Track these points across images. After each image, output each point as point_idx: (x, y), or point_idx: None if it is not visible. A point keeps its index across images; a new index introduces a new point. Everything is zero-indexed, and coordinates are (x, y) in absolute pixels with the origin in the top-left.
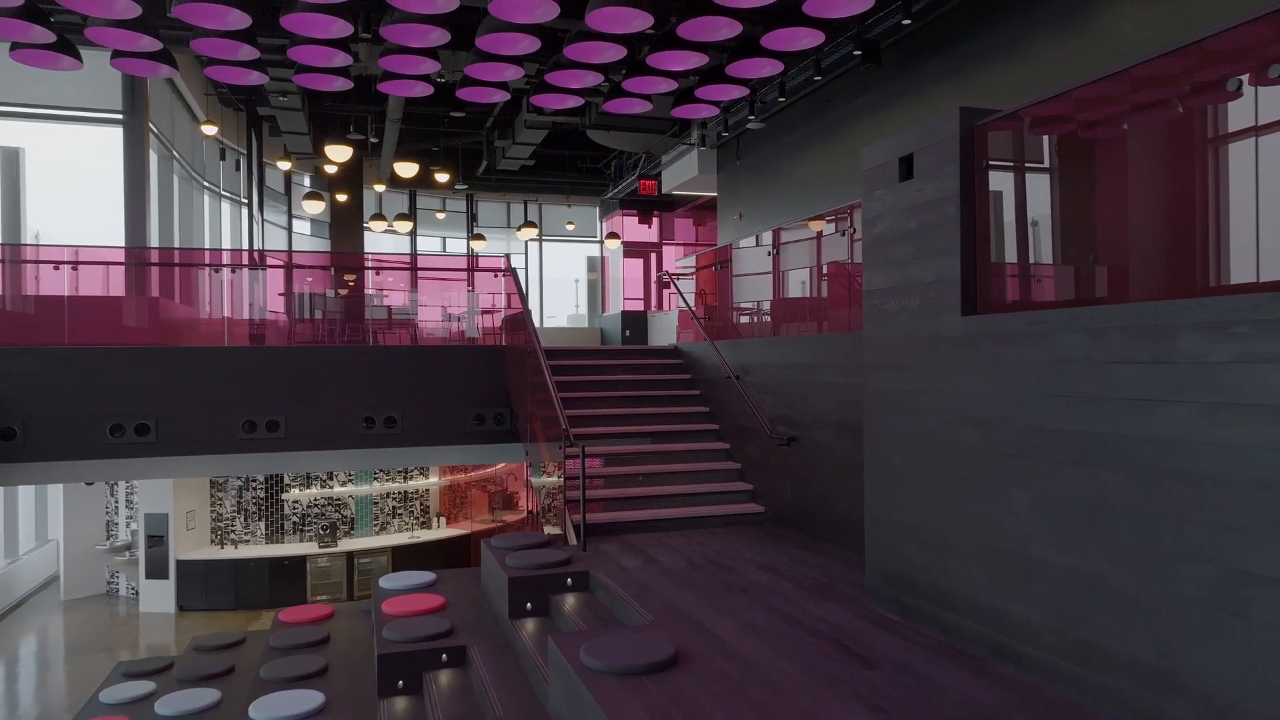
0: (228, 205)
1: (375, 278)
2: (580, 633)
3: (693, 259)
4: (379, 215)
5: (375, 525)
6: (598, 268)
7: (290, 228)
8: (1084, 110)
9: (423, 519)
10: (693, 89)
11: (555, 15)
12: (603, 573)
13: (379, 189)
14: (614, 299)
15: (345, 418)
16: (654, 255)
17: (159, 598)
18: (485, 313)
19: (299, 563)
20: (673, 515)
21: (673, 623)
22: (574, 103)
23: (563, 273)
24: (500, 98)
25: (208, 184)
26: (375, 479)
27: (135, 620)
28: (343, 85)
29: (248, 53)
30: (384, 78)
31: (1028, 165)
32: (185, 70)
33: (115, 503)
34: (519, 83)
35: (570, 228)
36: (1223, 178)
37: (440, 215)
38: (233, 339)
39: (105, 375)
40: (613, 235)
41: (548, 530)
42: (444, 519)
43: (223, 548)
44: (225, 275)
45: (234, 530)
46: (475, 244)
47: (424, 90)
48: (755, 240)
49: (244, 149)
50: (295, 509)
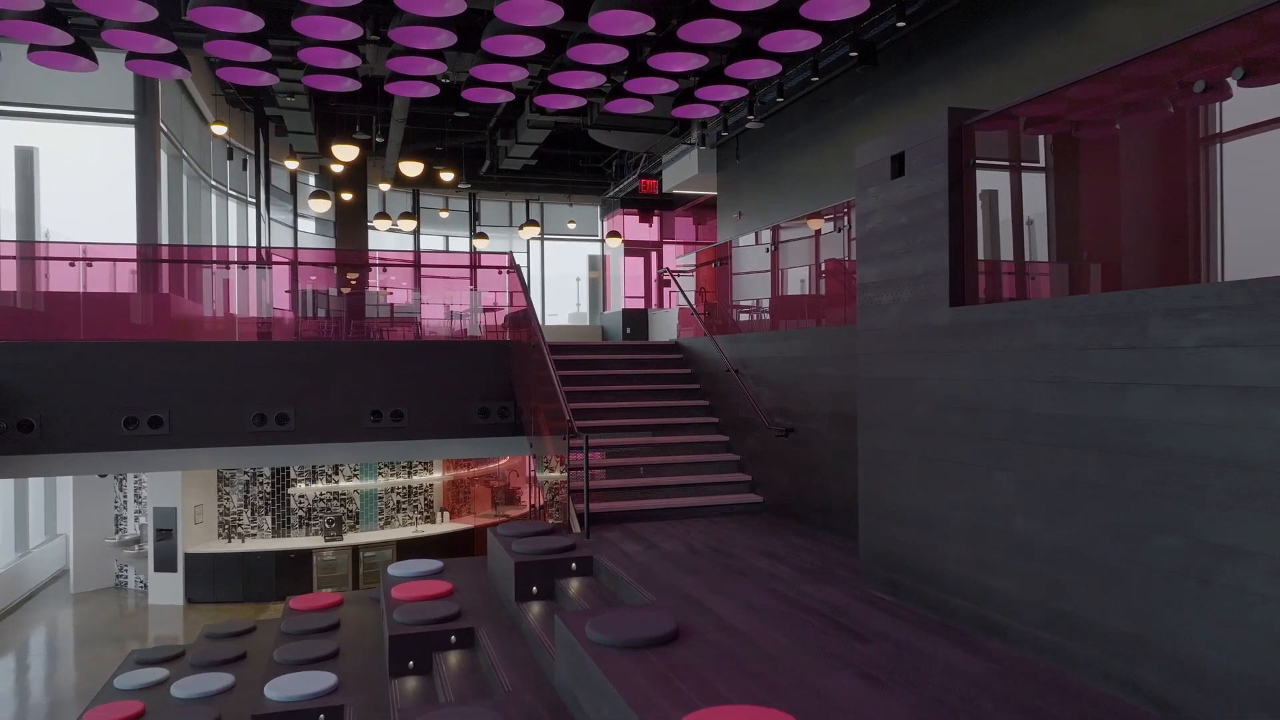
0: (235, 204)
1: (380, 275)
2: (585, 611)
3: (693, 256)
4: (383, 214)
5: (380, 519)
6: (599, 266)
7: (296, 226)
8: (1073, 110)
9: (426, 513)
10: (693, 89)
11: (560, 18)
12: (606, 558)
13: (383, 188)
14: (615, 297)
15: (353, 411)
16: (654, 254)
17: (167, 590)
18: (487, 310)
19: (305, 556)
20: (674, 505)
21: (674, 603)
22: (576, 103)
23: (564, 271)
24: (504, 98)
25: (215, 183)
26: (380, 474)
27: (144, 612)
28: (351, 86)
29: (259, 54)
30: (391, 79)
31: (1016, 163)
32: (194, 71)
33: (124, 497)
34: (523, 83)
35: (571, 226)
36: (1205, 176)
37: (444, 214)
38: (241, 335)
39: (119, 369)
40: (614, 234)
41: (551, 522)
42: (447, 514)
43: (230, 541)
44: (234, 272)
45: (241, 524)
46: (478, 242)
47: (430, 91)
48: (754, 237)
49: (251, 149)
50: (301, 503)
